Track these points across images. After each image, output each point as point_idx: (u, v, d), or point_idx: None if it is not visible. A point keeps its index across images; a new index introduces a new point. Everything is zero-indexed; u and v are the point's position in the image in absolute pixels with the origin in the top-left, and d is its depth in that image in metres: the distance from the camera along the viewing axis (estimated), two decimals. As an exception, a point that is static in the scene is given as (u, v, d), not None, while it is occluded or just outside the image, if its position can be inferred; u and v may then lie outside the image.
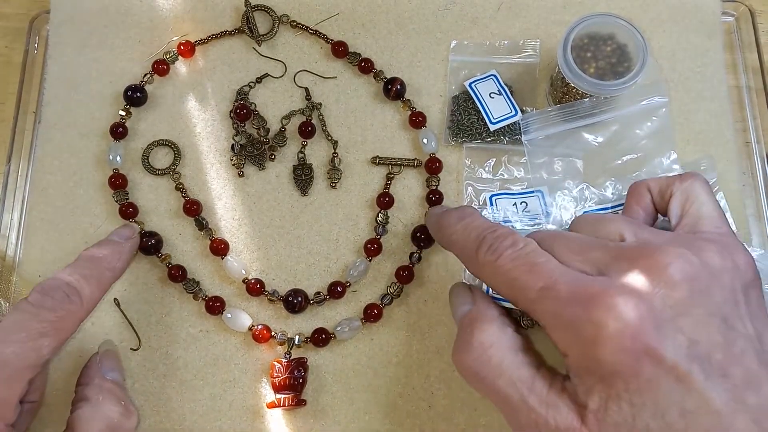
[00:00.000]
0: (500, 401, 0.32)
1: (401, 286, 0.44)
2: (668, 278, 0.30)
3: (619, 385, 0.29)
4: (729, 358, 0.29)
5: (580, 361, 0.30)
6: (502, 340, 0.32)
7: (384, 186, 0.46)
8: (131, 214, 0.45)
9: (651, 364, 0.28)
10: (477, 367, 0.32)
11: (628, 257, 0.31)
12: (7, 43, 0.52)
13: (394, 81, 0.47)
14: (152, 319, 0.44)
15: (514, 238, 0.33)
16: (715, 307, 0.30)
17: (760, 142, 0.48)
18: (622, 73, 0.42)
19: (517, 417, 0.31)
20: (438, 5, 0.49)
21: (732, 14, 0.50)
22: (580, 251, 0.32)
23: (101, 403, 0.38)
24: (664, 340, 0.28)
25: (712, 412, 0.28)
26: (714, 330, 0.29)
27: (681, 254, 0.30)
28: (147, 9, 0.50)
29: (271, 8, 0.49)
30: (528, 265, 0.32)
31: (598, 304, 0.29)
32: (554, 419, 0.30)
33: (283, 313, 0.44)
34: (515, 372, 0.31)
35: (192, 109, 0.48)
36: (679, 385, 0.28)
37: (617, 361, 0.28)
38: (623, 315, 0.28)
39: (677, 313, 0.29)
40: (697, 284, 0.30)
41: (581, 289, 0.30)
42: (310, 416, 0.42)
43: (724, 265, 0.31)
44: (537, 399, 0.30)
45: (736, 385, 0.29)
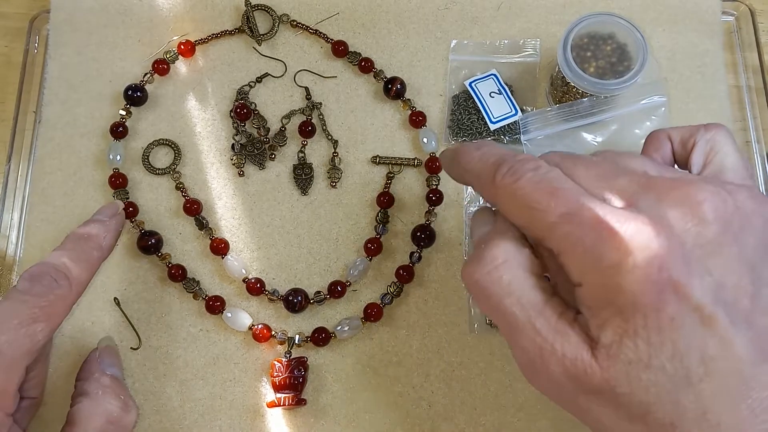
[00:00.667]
0: (505, 322, 0.30)
1: (401, 285, 0.44)
2: (702, 215, 0.28)
3: (637, 320, 0.27)
4: (755, 306, 0.27)
5: (596, 290, 0.28)
6: (517, 257, 0.30)
7: (384, 185, 0.46)
8: (131, 213, 0.45)
9: (676, 301, 0.26)
10: (485, 282, 0.30)
11: (658, 189, 0.29)
12: (7, 43, 0.52)
13: (394, 80, 0.47)
14: (152, 318, 0.44)
15: (536, 163, 0.30)
16: (747, 252, 0.28)
17: (760, 141, 0.48)
18: (622, 72, 0.42)
19: (520, 341, 0.29)
20: (438, 5, 0.50)
21: (732, 14, 0.50)
22: (605, 177, 0.30)
23: (101, 398, 0.38)
24: (692, 278, 0.27)
25: (735, 359, 0.26)
26: (743, 276, 0.28)
27: (716, 192, 0.28)
28: (147, 9, 0.50)
29: (271, 8, 0.49)
30: (551, 188, 0.29)
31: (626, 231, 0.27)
32: (561, 347, 0.28)
33: (283, 312, 0.44)
34: (525, 293, 0.29)
35: (192, 109, 0.48)
36: (702, 327, 0.26)
37: (640, 292, 0.26)
38: (651, 244, 0.27)
39: (707, 252, 0.27)
40: (730, 226, 0.28)
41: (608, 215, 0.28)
42: (310, 416, 0.42)
43: (759, 209, 0.29)
44: (545, 324, 0.29)
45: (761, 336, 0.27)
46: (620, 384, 0.27)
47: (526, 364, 0.30)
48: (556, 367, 0.28)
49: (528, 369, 0.30)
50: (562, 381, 0.29)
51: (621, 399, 0.27)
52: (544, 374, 0.29)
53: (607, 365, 0.27)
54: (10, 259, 0.45)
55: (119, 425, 0.38)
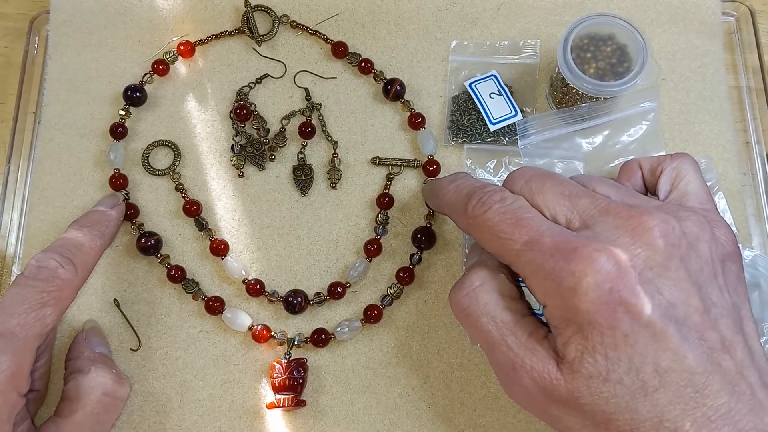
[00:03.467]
0: (482, 338, 0.33)
1: (401, 287, 0.44)
2: (651, 241, 0.31)
3: (595, 337, 0.29)
4: (705, 322, 0.30)
5: (558, 311, 0.31)
6: (491, 282, 0.34)
7: (384, 186, 0.46)
8: (132, 214, 0.45)
9: (628, 319, 0.29)
10: (465, 303, 0.34)
11: (614, 214, 0.32)
12: (7, 43, 0.52)
13: (393, 82, 0.47)
14: (152, 319, 0.44)
15: (503, 194, 0.34)
16: (694, 274, 0.31)
17: (760, 142, 0.48)
18: (622, 73, 0.42)
19: (496, 355, 0.33)
20: (438, 6, 0.49)
21: (732, 14, 0.50)
22: (570, 197, 0.33)
23: (93, 372, 0.39)
24: (642, 297, 0.29)
25: (687, 370, 0.29)
26: (692, 295, 0.30)
27: (665, 220, 0.31)
28: (147, 9, 0.50)
29: (271, 8, 0.49)
30: (515, 219, 0.33)
31: (581, 256, 0.30)
32: (530, 361, 0.31)
33: (282, 313, 0.44)
34: (498, 313, 0.33)
35: (192, 110, 0.48)
36: (654, 342, 0.29)
37: (594, 312, 0.29)
38: (603, 268, 0.29)
39: (656, 275, 0.30)
40: (677, 250, 0.31)
41: (565, 242, 0.31)
42: (310, 417, 0.42)
43: (702, 236, 0.32)
44: (516, 341, 0.32)
45: (712, 348, 0.30)
46: (583, 395, 0.30)
47: (503, 377, 0.33)
48: (528, 380, 0.31)
49: (504, 381, 0.33)
50: (534, 392, 0.31)
51: (585, 408, 0.30)
52: (517, 386, 0.32)
53: (571, 378, 0.30)
54: (10, 260, 0.45)
55: (114, 397, 0.39)
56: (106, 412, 0.39)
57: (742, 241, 0.45)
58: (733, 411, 0.28)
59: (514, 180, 0.35)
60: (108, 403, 0.39)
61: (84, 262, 0.40)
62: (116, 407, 0.40)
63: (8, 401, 0.35)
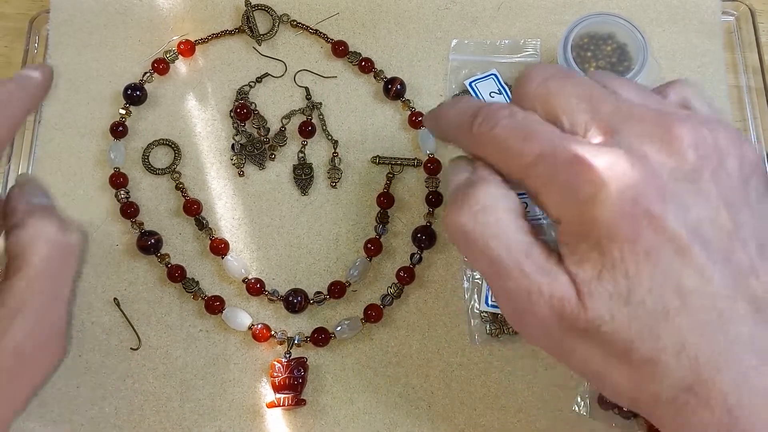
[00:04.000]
0: (490, 267, 0.29)
1: (402, 286, 0.44)
2: (680, 150, 0.28)
3: (614, 253, 0.27)
4: (733, 243, 0.27)
5: (573, 225, 0.28)
6: (502, 201, 0.30)
7: (384, 185, 0.46)
8: (132, 213, 0.45)
9: (652, 231, 0.27)
10: (471, 225, 0.29)
11: (640, 120, 0.29)
12: (7, 43, 0.52)
13: (393, 81, 0.47)
14: (152, 318, 0.44)
15: (511, 110, 0.31)
16: (723, 190, 0.28)
17: (760, 141, 0.48)
18: (622, 72, 0.42)
19: (505, 284, 0.29)
20: (438, 5, 0.49)
21: (732, 14, 0.50)
22: (590, 99, 0.30)
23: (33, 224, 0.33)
24: (667, 210, 0.27)
25: (712, 294, 0.26)
26: (721, 212, 0.28)
27: (696, 128, 0.28)
28: (147, 9, 0.50)
29: (271, 8, 0.49)
30: (525, 133, 0.29)
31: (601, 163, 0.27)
32: (549, 287, 0.28)
33: (283, 312, 0.44)
34: (513, 235, 0.29)
35: (192, 109, 0.48)
36: (679, 258, 0.27)
37: (614, 224, 0.27)
38: (626, 176, 0.27)
39: (684, 187, 0.28)
40: (709, 163, 0.28)
41: (584, 151, 0.28)
42: (310, 416, 0.42)
43: (733, 151, 0.29)
44: (533, 265, 0.28)
45: (739, 271, 0.27)
46: (604, 321, 0.27)
47: (512, 308, 0.30)
48: (544, 309, 0.28)
49: (513, 313, 0.30)
50: (550, 322, 0.28)
51: (605, 337, 0.27)
52: (530, 317, 0.29)
53: (591, 302, 0.27)
54: (10, 259, 0.45)
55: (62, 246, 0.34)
56: (57, 264, 0.33)
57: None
58: (757, 338, 0.26)
59: (530, 78, 0.31)
60: (57, 255, 0.33)
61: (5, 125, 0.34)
62: (68, 257, 0.34)
63: None
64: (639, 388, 0.27)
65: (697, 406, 0.26)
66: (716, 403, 0.26)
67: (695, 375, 0.26)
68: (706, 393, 0.26)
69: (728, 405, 0.26)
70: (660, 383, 0.27)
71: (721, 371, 0.26)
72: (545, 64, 0.33)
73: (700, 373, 0.26)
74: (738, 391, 0.26)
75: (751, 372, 0.26)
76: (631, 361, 0.27)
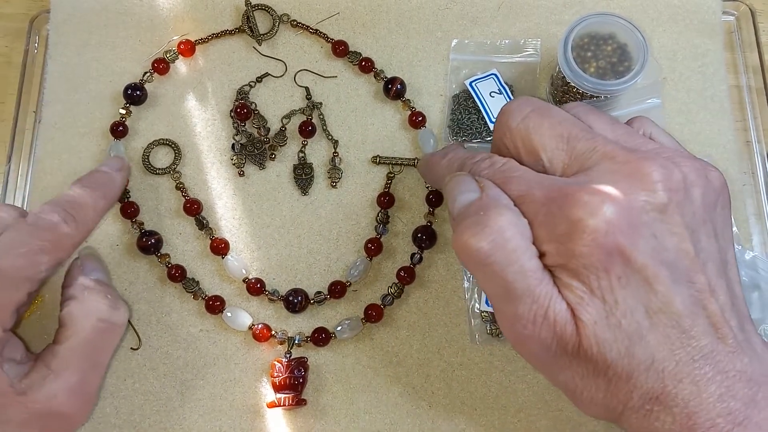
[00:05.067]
0: (503, 290, 0.31)
1: (402, 286, 0.44)
2: (649, 186, 0.31)
3: (592, 282, 0.30)
4: (695, 266, 0.31)
5: (555, 258, 0.31)
6: (519, 226, 0.31)
7: (384, 185, 0.46)
8: (132, 213, 0.45)
9: (621, 263, 0.30)
10: (489, 251, 0.31)
11: (611, 158, 0.32)
12: (7, 43, 0.52)
13: (394, 81, 0.47)
14: (152, 318, 0.44)
15: (491, 160, 0.35)
16: (687, 218, 0.31)
17: (760, 141, 0.48)
18: (623, 72, 0.42)
19: (515, 307, 0.31)
20: (438, 4, 0.49)
21: (732, 14, 0.50)
22: (567, 139, 0.33)
23: (87, 298, 0.39)
24: (637, 242, 0.30)
25: (675, 312, 0.30)
26: (684, 239, 0.31)
27: (664, 165, 0.31)
28: (147, 8, 0.50)
29: (271, 7, 0.49)
30: (504, 179, 0.33)
31: (575, 201, 0.30)
32: (553, 313, 0.30)
33: (283, 312, 0.44)
34: (527, 261, 0.31)
35: (192, 109, 0.48)
36: (645, 285, 0.30)
37: (590, 255, 0.30)
38: (598, 211, 0.30)
39: (653, 219, 0.30)
40: (675, 195, 0.31)
41: (556, 190, 0.31)
42: (311, 416, 0.42)
43: (697, 182, 0.32)
44: (545, 292, 0.31)
45: (700, 291, 0.30)
46: (591, 344, 0.30)
47: (517, 330, 0.32)
48: (547, 333, 0.31)
49: (517, 335, 0.32)
50: (550, 344, 0.31)
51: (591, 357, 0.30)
52: (534, 339, 0.31)
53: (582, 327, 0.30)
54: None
55: (110, 323, 0.39)
56: (101, 338, 0.39)
57: (742, 241, 0.45)
58: (715, 352, 0.30)
59: (512, 114, 0.35)
60: (103, 329, 0.39)
61: (85, 221, 0.39)
62: (113, 333, 0.40)
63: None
64: (611, 399, 0.31)
65: (660, 413, 0.30)
66: (678, 410, 0.29)
67: (661, 386, 0.29)
68: (669, 401, 0.29)
69: (688, 410, 0.29)
70: (631, 394, 0.30)
71: (682, 381, 0.29)
72: (525, 99, 0.35)
73: (665, 385, 0.29)
74: (697, 398, 0.29)
75: (707, 381, 0.29)
76: (608, 376, 0.30)
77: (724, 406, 0.29)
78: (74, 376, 0.37)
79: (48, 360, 0.37)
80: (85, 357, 0.38)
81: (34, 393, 0.36)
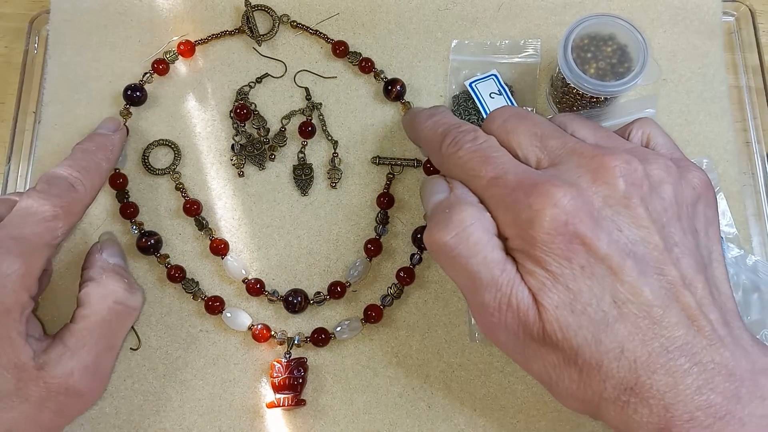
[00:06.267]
0: (469, 281, 0.33)
1: (401, 286, 0.44)
2: (611, 180, 0.32)
3: (554, 268, 0.31)
4: (665, 258, 0.31)
5: (518, 242, 0.32)
6: (481, 221, 0.33)
7: (384, 186, 0.46)
8: (131, 213, 0.45)
9: (584, 252, 0.31)
10: (454, 244, 0.33)
11: (579, 154, 0.33)
12: (7, 43, 0.52)
13: (394, 82, 0.47)
14: (152, 318, 0.44)
15: (475, 134, 0.36)
16: (655, 213, 0.32)
17: (760, 142, 0.48)
18: (623, 73, 0.42)
19: (481, 297, 0.33)
20: (438, 5, 0.49)
21: (732, 14, 0.50)
22: (542, 137, 0.35)
23: (104, 281, 0.40)
24: (598, 232, 0.31)
25: (644, 303, 0.30)
26: (652, 233, 0.31)
27: (627, 161, 0.32)
28: (147, 9, 0.50)
29: (271, 8, 0.49)
30: (484, 157, 0.34)
31: (539, 191, 0.31)
32: (516, 300, 0.32)
33: (282, 313, 0.44)
34: (490, 253, 0.33)
35: (192, 109, 0.48)
36: (611, 274, 0.30)
37: (549, 242, 0.31)
38: (560, 202, 0.31)
39: (616, 212, 0.31)
40: (638, 190, 0.32)
41: (526, 179, 0.32)
42: (310, 416, 0.42)
43: (667, 179, 0.33)
44: (507, 280, 0.32)
45: (672, 283, 0.31)
46: (554, 330, 0.31)
47: (485, 319, 0.33)
48: (512, 320, 0.32)
49: (486, 323, 0.33)
50: (516, 331, 0.32)
51: (557, 344, 0.31)
52: (502, 327, 0.33)
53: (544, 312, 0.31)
54: (10, 260, 0.45)
55: (126, 305, 0.40)
56: (117, 320, 0.40)
57: (741, 241, 0.45)
58: (691, 344, 0.30)
59: (493, 119, 0.37)
60: (119, 311, 0.40)
61: (92, 183, 0.41)
62: (128, 316, 0.41)
63: (20, 301, 0.36)
64: (586, 389, 0.31)
65: (637, 405, 0.30)
66: (654, 402, 0.29)
67: (635, 377, 0.30)
68: (644, 393, 0.29)
69: (665, 403, 0.29)
70: (604, 384, 0.30)
71: (656, 372, 0.29)
72: (507, 106, 0.38)
73: (639, 375, 0.30)
74: (674, 390, 0.29)
75: (683, 373, 0.29)
76: (579, 365, 0.31)
77: (703, 399, 0.29)
78: (89, 354, 0.38)
79: (65, 338, 0.38)
80: (101, 337, 0.39)
81: (51, 369, 0.36)
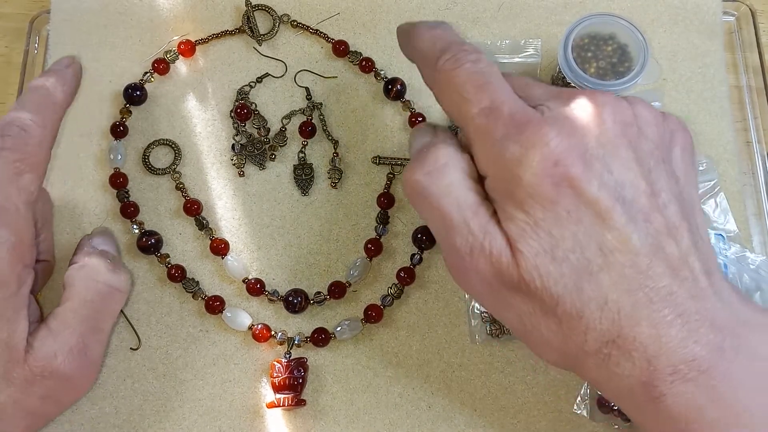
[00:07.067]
0: (440, 222, 0.32)
1: (402, 287, 0.44)
2: (601, 120, 0.30)
3: (537, 213, 0.29)
4: (653, 205, 0.30)
5: (500, 183, 0.30)
6: (456, 161, 0.32)
7: (384, 186, 0.46)
8: (132, 213, 0.45)
9: (572, 195, 0.29)
10: (426, 182, 0.32)
11: (566, 97, 0.32)
12: (7, 43, 0.52)
13: (394, 81, 0.47)
14: (152, 318, 0.44)
15: (478, 56, 0.33)
16: (643, 156, 0.31)
17: (760, 142, 0.48)
18: (623, 73, 0.42)
19: (452, 239, 0.31)
20: (439, 5, 0.49)
21: (733, 14, 0.50)
22: (524, 88, 0.33)
23: (87, 262, 0.40)
24: (588, 174, 0.29)
25: (631, 251, 0.29)
26: (640, 177, 0.30)
27: (617, 100, 0.31)
28: (147, 9, 0.50)
29: (271, 8, 0.49)
30: (482, 81, 0.32)
31: (532, 129, 0.30)
32: (489, 244, 0.30)
33: (283, 313, 0.44)
34: (462, 194, 0.31)
35: (192, 109, 0.48)
36: (599, 221, 0.29)
37: (537, 184, 0.29)
38: (552, 142, 0.29)
39: (606, 153, 0.30)
40: (628, 130, 0.31)
41: (521, 114, 0.31)
42: (310, 416, 0.42)
43: (652, 120, 0.32)
44: (478, 224, 0.31)
45: (658, 231, 0.29)
46: (533, 277, 0.29)
47: (456, 262, 0.32)
48: (484, 265, 0.30)
49: (457, 267, 0.32)
50: (488, 277, 0.31)
51: (535, 292, 0.29)
52: (472, 272, 0.31)
53: (521, 259, 0.29)
54: (10, 259, 0.45)
55: (108, 285, 0.40)
56: (101, 301, 0.39)
57: (742, 241, 0.45)
58: (675, 294, 0.29)
59: None
60: (103, 292, 0.39)
61: (49, 119, 0.38)
62: (112, 297, 0.40)
63: (14, 271, 0.35)
64: (566, 341, 0.30)
65: (619, 358, 0.29)
66: (637, 355, 0.28)
67: (617, 329, 0.28)
68: (627, 345, 0.28)
69: (647, 355, 0.28)
70: (585, 336, 0.29)
71: (640, 324, 0.28)
72: None
73: (622, 327, 0.28)
74: (657, 342, 0.28)
75: (666, 325, 0.28)
76: (558, 315, 0.29)
77: (686, 351, 0.28)
78: (73, 336, 0.37)
79: (48, 320, 0.37)
80: (84, 318, 0.38)
81: (35, 351, 0.36)
